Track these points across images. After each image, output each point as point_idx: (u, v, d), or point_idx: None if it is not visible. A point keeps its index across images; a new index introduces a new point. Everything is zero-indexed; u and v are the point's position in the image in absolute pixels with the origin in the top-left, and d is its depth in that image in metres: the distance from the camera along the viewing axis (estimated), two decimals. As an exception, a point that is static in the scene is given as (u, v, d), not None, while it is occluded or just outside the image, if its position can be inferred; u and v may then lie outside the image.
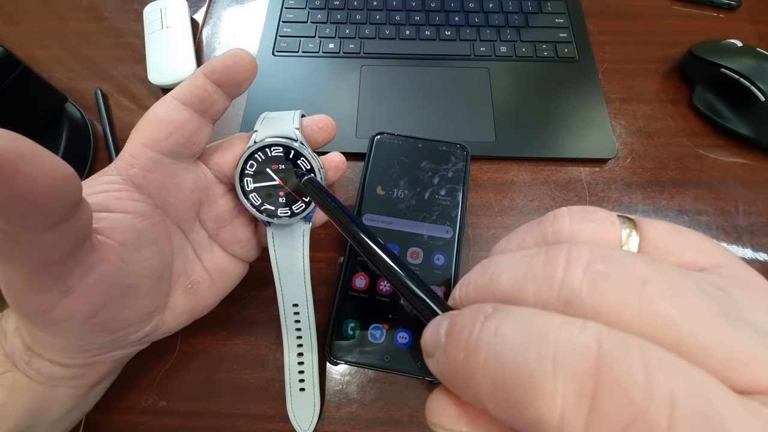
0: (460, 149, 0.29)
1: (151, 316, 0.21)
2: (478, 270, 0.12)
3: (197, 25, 0.39)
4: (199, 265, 0.23)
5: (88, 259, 0.16)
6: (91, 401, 0.22)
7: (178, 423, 0.24)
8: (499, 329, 0.09)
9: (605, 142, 0.32)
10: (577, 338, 0.08)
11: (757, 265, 0.28)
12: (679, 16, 0.39)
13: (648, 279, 0.09)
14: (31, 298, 0.16)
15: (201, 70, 0.19)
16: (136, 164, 0.19)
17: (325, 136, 0.23)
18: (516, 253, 0.11)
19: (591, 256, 0.10)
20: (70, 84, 0.35)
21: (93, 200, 0.17)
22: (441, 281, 0.25)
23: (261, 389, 0.25)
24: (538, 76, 0.35)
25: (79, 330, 0.18)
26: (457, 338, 0.10)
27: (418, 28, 0.38)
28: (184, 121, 0.19)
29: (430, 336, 0.12)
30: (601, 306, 0.09)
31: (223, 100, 0.20)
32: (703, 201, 0.31)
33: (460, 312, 0.11)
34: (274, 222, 0.22)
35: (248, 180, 0.22)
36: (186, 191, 0.21)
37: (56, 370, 0.19)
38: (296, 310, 0.23)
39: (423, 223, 0.27)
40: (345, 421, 0.24)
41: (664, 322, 0.09)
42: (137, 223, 0.19)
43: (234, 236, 0.23)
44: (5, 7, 0.41)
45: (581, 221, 0.11)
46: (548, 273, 0.10)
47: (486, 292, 0.11)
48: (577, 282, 0.09)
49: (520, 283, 0.10)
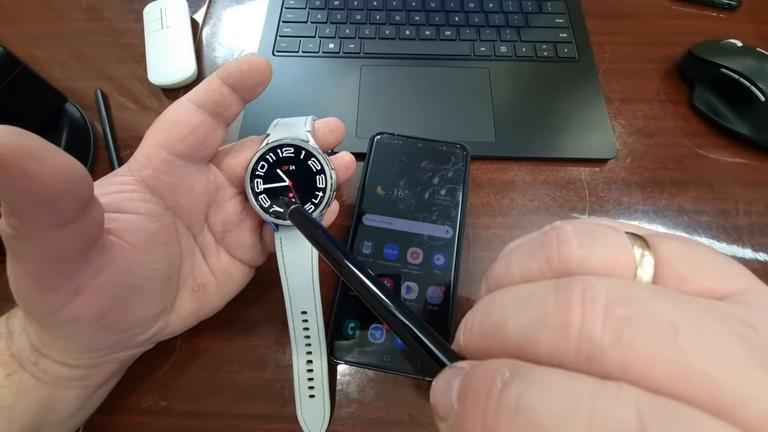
0: (460, 149, 0.29)
1: (158, 317, 0.21)
2: (482, 312, 0.11)
3: (197, 25, 0.39)
4: (206, 267, 0.23)
5: (99, 259, 0.16)
6: (97, 401, 0.22)
7: (178, 423, 0.24)
8: (520, 402, 0.08)
9: (605, 142, 0.32)
10: (614, 412, 0.07)
11: (758, 265, 0.28)
12: (679, 16, 0.39)
13: (677, 327, 0.08)
14: (41, 298, 0.16)
15: (217, 74, 0.19)
16: (149, 165, 0.19)
17: (335, 138, 0.24)
18: (521, 290, 0.10)
19: (608, 297, 0.09)
20: (70, 84, 0.35)
21: (105, 200, 0.17)
22: (441, 281, 0.25)
23: (261, 389, 0.25)
24: (538, 76, 0.35)
25: (87, 330, 0.18)
26: (472, 408, 0.09)
27: (418, 28, 0.38)
28: (198, 124, 0.19)
29: (440, 396, 0.10)
30: (629, 362, 0.08)
31: (238, 104, 0.20)
32: (703, 201, 0.31)
33: (473, 371, 0.10)
34: (281, 224, 0.22)
35: (258, 181, 0.22)
36: (197, 193, 0.21)
37: (63, 371, 0.19)
38: (305, 318, 0.23)
39: (423, 223, 0.27)
40: (345, 421, 0.24)
41: (702, 380, 0.08)
42: (149, 225, 0.19)
43: (239, 241, 0.23)
44: (5, 7, 0.41)
45: (589, 245, 0.10)
46: (563, 321, 0.09)
47: (494, 342, 0.10)
48: (598, 333, 0.08)
49: (531, 333, 0.09)
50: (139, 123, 0.34)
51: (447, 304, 0.25)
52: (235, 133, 0.33)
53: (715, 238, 0.29)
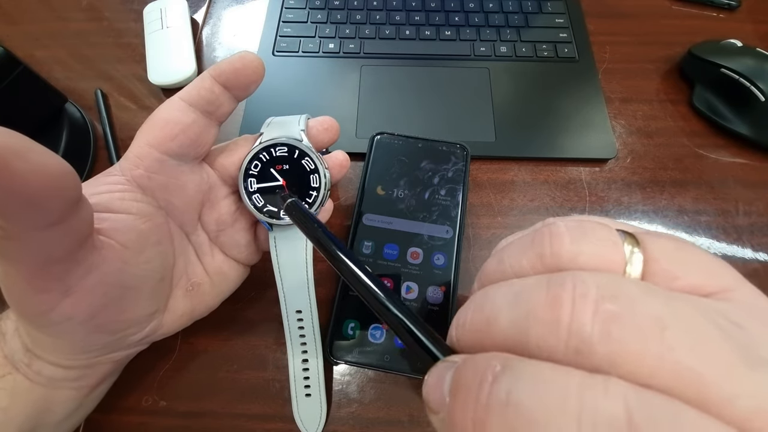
0: (460, 149, 0.29)
1: (151, 317, 0.21)
2: (474, 307, 0.11)
3: (197, 25, 0.39)
4: (200, 267, 0.23)
5: (89, 259, 0.16)
6: (94, 401, 0.22)
7: (178, 423, 0.24)
8: (510, 396, 0.08)
9: (605, 142, 0.32)
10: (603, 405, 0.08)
11: (758, 265, 0.28)
12: (679, 16, 0.39)
13: (665, 323, 0.08)
14: (32, 299, 0.16)
15: (209, 72, 0.19)
16: (141, 165, 0.19)
17: (329, 137, 0.23)
18: (513, 286, 0.10)
19: (598, 292, 0.09)
20: (70, 84, 0.35)
21: (96, 200, 0.17)
22: (441, 281, 0.25)
23: (261, 389, 0.25)
24: (538, 76, 0.35)
25: (80, 331, 0.18)
26: (464, 402, 0.09)
27: (418, 28, 0.38)
28: (190, 123, 0.19)
29: (432, 390, 0.10)
30: (617, 357, 0.08)
31: (230, 102, 0.20)
32: (703, 201, 0.31)
33: (465, 365, 0.10)
34: (275, 223, 0.22)
35: (252, 180, 0.21)
36: (190, 193, 0.21)
37: (57, 372, 0.19)
38: (300, 317, 0.23)
39: (423, 223, 0.27)
40: (345, 421, 0.24)
41: (688, 375, 0.08)
42: (140, 224, 0.18)
43: (233, 240, 0.23)
44: (5, 7, 0.41)
45: (580, 241, 0.10)
46: (553, 316, 0.09)
47: (485, 337, 0.10)
48: (587, 327, 0.09)
49: (522, 327, 0.09)
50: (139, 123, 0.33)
51: (447, 304, 0.25)
52: (235, 132, 0.33)
53: (715, 238, 0.29)
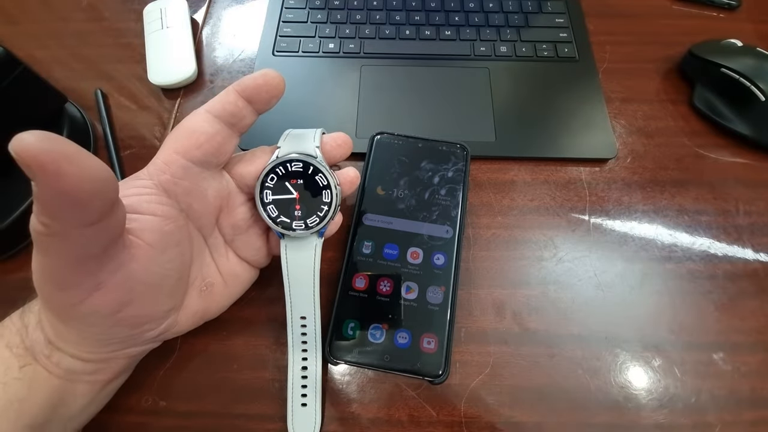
0: (460, 149, 0.29)
1: (168, 314, 0.22)
2: None
3: (197, 25, 0.39)
4: (215, 268, 0.24)
5: (120, 256, 0.18)
6: (104, 399, 0.23)
7: (178, 423, 0.24)
8: None
9: (605, 142, 0.32)
10: None
11: (758, 265, 0.28)
12: (679, 16, 0.39)
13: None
14: (64, 292, 0.17)
15: (233, 87, 0.21)
16: (167, 171, 0.20)
17: (342, 153, 0.25)
18: None
19: None
20: (70, 84, 0.35)
21: (126, 202, 0.18)
22: (441, 281, 0.25)
23: (261, 389, 0.25)
24: (538, 76, 0.35)
25: (103, 324, 0.19)
26: None
27: (418, 28, 0.38)
28: (214, 133, 0.20)
29: None
30: None
31: (252, 115, 0.21)
32: (703, 201, 0.31)
33: None
34: (288, 234, 0.23)
35: (267, 192, 0.23)
36: (210, 198, 0.22)
37: (76, 364, 0.20)
38: (303, 323, 0.24)
39: (423, 223, 0.27)
40: (345, 421, 0.24)
41: None
42: (164, 226, 0.20)
43: (248, 244, 0.24)
44: (5, 7, 0.41)
45: None
46: None
47: None
48: None
49: None
50: (139, 123, 0.34)
51: (447, 304, 0.25)
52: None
53: (715, 238, 0.29)
